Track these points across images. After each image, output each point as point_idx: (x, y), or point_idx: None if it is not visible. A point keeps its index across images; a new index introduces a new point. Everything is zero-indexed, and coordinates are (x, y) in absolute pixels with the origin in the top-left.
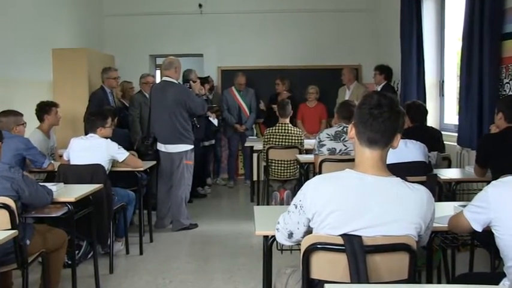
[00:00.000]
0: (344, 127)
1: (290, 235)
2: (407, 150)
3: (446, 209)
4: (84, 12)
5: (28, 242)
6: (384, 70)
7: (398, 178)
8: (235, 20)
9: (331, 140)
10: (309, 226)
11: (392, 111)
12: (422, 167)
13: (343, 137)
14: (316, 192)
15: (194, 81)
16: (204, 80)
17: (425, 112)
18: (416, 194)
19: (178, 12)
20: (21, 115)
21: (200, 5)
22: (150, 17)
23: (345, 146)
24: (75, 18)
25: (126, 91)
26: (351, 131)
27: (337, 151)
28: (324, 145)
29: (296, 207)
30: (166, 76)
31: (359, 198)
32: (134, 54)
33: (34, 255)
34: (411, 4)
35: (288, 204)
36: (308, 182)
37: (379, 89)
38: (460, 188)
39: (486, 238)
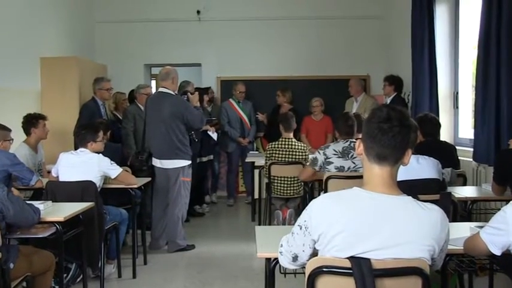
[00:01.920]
0: (351, 142)
1: (295, 258)
2: (419, 167)
3: (462, 230)
4: (75, 18)
5: (12, 265)
6: (393, 81)
7: (410, 197)
8: (235, 28)
9: (339, 157)
10: (314, 248)
11: (403, 125)
12: (436, 185)
13: (351, 154)
14: (322, 212)
15: (192, 93)
16: (204, 91)
17: (439, 126)
18: (429, 213)
19: (175, 19)
20: (10, 131)
21: (198, 12)
22: (145, 23)
23: (354, 163)
24: (64, 24)
25: (119, 103)
26: (359, 147)
27: (346, 169)
28: (332, 163)
29: (301, 228)
30: (162, 87)
31: (368, 219)
32: (128, 64)
33: (18, 279)
34: (423, 10)
35: (291, 223)
36: (313, 200)
37: (388, 101)
38: (477, 207)
39: (507, 262)
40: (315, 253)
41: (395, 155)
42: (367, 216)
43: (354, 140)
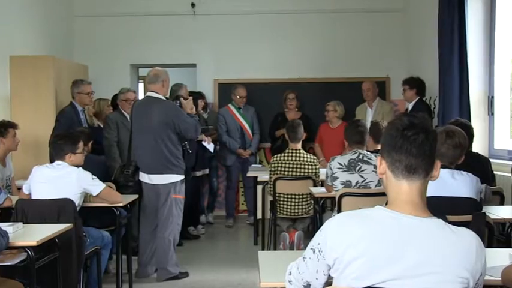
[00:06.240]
0: (359, 154)
1: (307, 287)
2: (454, 184)
3: (500, 258)
4: (50, 12)
5: None
6: (414, 84)
7: (441, 220)
8: (235, 23)
9: (345, 171)
10: (329, 275)
11: (428, 132)
12: (470, 205)
13: (359, 167)
14: (338, 234)
15: (185, 98)
16: (199, 96)
17: (472, 135)
18: (463, 240)
19: (166, 13)
20: None
21: (193, 4)
22: (132, 18)
23: (362, 177)
24: (38, 18)
25: (102, 111)
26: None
27: (353, 184)
28: (337, 178)
29: (314, 252)
30: (151, 91)
31: (390, 243)
32: (112, 64)
33: None
34: (452, 1)
35: (300, 248)
36: (329, 220)
37: (410, 107)
38: None
39: None
40: (329, 282)
41: (425, 166)
42: (390, 240)
43: (364, 152)
